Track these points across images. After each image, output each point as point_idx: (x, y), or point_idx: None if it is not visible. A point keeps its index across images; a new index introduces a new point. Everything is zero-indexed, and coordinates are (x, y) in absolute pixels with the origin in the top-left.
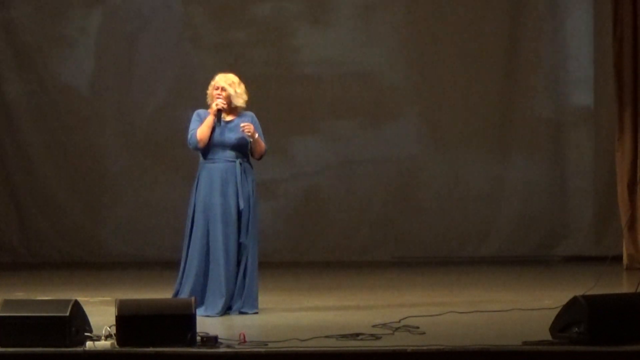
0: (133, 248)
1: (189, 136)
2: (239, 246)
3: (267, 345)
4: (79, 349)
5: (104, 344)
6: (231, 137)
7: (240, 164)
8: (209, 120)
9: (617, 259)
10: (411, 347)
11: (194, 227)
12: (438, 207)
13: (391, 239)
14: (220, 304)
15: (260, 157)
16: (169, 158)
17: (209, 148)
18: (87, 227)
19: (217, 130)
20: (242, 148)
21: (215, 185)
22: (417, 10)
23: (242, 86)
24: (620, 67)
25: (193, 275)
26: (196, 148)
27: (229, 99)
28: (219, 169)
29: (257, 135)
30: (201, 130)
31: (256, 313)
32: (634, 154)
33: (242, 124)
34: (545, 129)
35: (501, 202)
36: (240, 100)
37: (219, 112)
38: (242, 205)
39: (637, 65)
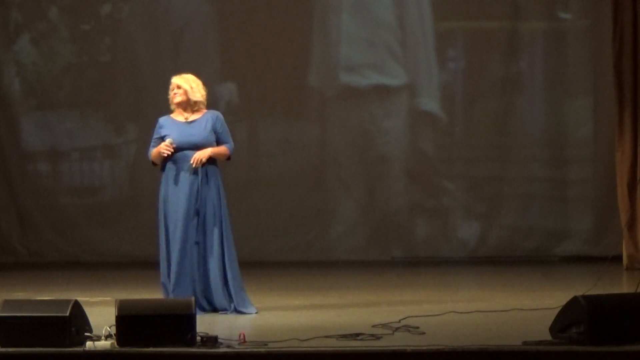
0: (133, 248)
1: (149, 150)
2: (198, 245)
3: (267, 345)
4: (79, 349)
5: (104, 344)
6: (194, 137)
7: (203, 164)
8: (160, 154)
9: (617, 259)
10: (411, 347)
11: (160, 233)
12: (437, 207)
13: (391, 239)
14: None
15: (229, 159)
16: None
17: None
18: (87, 227)
19: (179, 131)
20: (206, 148)
21: (172, 187)
22: None
23: (199, 82)
24: (620, 67)
25: (172, 280)
26: (153, 164)
27: (186, 95)
28: (178, 170)
29: (207, 154)
30: (154, 156)
31: (256, 313)
32: (634, 154)
33: (192, 161)
34: (545, 128)
35: (501, 201)
36: (197, 94)
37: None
38: (198, 204)
39: (637, 65)
